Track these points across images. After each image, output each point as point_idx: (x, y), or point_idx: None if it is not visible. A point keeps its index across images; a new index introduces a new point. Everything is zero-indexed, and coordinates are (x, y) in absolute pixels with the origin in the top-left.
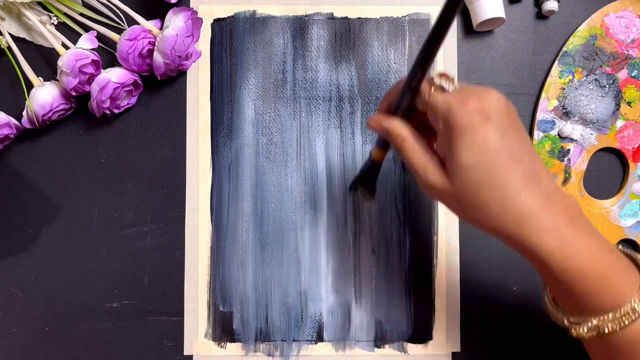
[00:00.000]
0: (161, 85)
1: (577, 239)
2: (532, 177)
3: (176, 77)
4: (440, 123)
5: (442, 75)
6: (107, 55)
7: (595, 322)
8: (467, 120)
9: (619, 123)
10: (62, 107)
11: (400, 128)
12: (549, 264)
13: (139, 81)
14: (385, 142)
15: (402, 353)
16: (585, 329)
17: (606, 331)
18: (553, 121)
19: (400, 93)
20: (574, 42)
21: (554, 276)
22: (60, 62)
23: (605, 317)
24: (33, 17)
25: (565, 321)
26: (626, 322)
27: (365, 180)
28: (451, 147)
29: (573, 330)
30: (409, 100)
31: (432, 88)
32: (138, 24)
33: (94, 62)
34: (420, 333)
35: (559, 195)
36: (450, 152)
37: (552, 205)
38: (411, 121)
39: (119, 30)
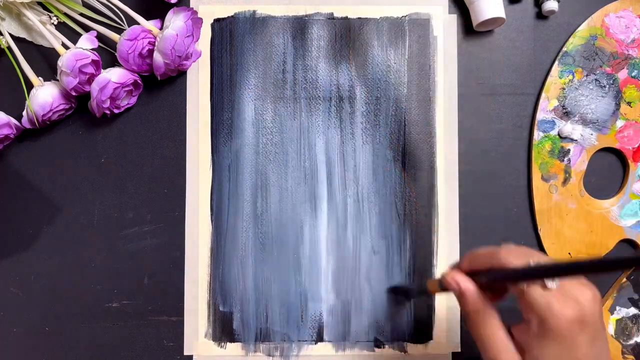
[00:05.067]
0: (161, 85)
1: None
2: None
3: (176, 77)
4: (534, 320)
5: None
6: (107, 55)
7: None
8: (565, 327)
9: (619, 123)
10: (62, 107)
11: (484, 307)
12: None
13: (139, 81)
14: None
15: (402, 353)
16: None
17: None
18: (553, 121)
19: (496, 274)
20: (574, 42)
21: None
22: (60, 62)
23: None
24: (33, 17)
25: None
26: None
27: (405, 293)
28: (540, 346)
29: None
30: (502, 283)
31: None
32: (138, 24)
33: (94, 62)
34: (420, 333)
35: None
36: (537, 351)
37: None
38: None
39: (119, 30)
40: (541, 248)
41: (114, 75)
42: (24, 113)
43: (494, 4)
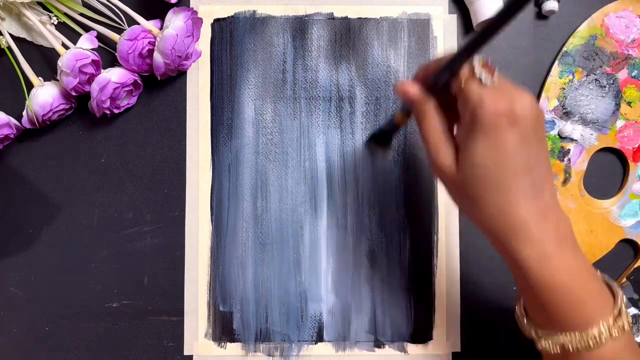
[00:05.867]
0: (161, 85)
1: (558, 257)
2: (537, 189)
3: (176, 77)
4: (467, 114)
5: (485, 64)
6: (107, 55)
7: (561, 338)
8: (494, 120)
9: (619, 123)
10: (62, 107)
11: (424, 102)
12: (527, 275)
13: (139, 81)
14: (408, 109)
15: (402, 353)
16: (551, 344)
17: (571, 350)
18: (553, 121)
19: (439, 70)
20: (574, 42)
21: (530, 287)
22: (60, 62)
23: (572, 335)
24: (33, 17)
25: (533, 333)
26: (591, 345)
27: (382, 137)
28: (470, 140)
29: (539, 343)
30: (446, 80)
31: (470, 75)
32: (138, 24)
33: (94, 62)
34: (420, 333)
35: (555, 211)
36: (467, 145)
37: (545, 220)
38: (440, 98)
39: (119, 30)
40: None
41: (114, 75)
42: (24, 113)
43: (494, 4)
